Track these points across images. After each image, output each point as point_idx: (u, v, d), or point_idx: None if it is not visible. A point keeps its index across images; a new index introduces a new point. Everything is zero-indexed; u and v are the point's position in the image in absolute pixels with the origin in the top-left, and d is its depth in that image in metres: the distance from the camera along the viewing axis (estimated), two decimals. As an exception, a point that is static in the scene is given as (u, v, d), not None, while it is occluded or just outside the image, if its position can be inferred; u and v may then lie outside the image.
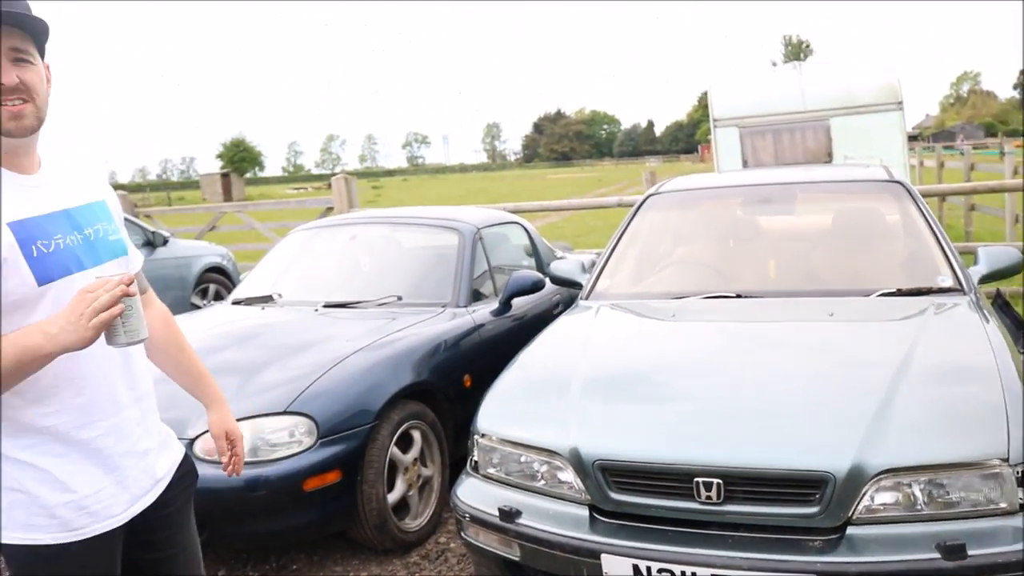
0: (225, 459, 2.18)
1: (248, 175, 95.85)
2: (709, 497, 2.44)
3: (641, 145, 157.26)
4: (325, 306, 4.53)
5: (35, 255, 1.69)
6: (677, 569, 2.38)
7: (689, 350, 3.26)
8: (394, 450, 3.59)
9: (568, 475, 2.65)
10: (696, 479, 2.45)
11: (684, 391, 2.87)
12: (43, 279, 1.69)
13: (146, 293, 2.12)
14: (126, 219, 8.59)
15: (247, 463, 3.23)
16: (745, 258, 4.25)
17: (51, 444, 1.74)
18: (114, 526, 1.83)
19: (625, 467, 2.56)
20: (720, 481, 2.43)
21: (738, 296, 3.71)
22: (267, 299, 4.79)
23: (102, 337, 1.64)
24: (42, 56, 1.76)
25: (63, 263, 1.73)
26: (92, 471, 1.79)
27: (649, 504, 2.53)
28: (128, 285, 1.62)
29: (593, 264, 4.76)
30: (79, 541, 1.77)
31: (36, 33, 1.72)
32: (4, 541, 1.75)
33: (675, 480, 2.49)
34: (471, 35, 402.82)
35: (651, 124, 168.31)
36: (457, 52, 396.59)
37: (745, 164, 9.95)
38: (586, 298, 4.08)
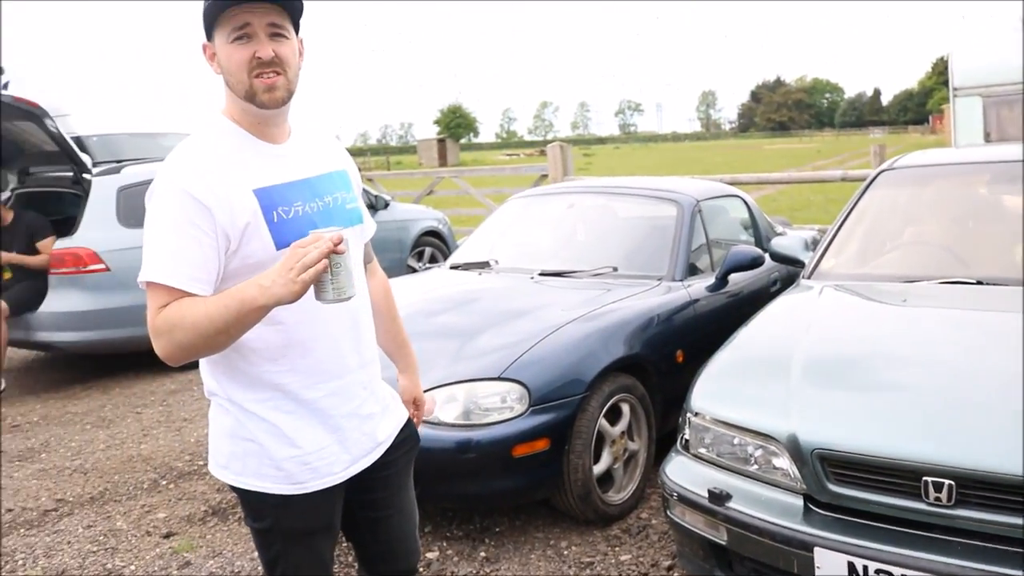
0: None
1: (463, 141, 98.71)
2: (938, 499, 2.28)
3: (865, 115, 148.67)
4: (541, 274, 4.59)
5: (275, 221, 1.79)
6: (898, 572, 2.24)
7: (922, 338, 3.06)
8: (602, 422, 3.60)
9: (783, 462, 2.56)
10: (925, 478, 2.30)
11: (916, 382, 2.69)
12: (281, 243, 1.78)
13: (371, 263, 2.20)
14: (352, 182, 9.09)
15: (459, 426, 3.34)
16: (988, 241, 3.92)
17: (282, 401, 1.85)
18: (334, 483, 1.93)
19: (846, 458, 2.44)
20: (952, 482, 2.27)
21: (979, 283, 3.43)
22: (484, 265, 4.90)
23: (329, 302, 1.69)
24: (296, 31, 1.85)
25: (300, 229, 1.80)
26: (316, 429, 1.89)
27: (870, 500, 2.40)
28: (337, 244, 1.64)
29: (816, 242, 4.56)
30: (301, 494, 1.88)
31: (292, 10, 1.81)
32: (239, 486, 1.90)
33: (901, 477, 2.34)
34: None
35: (877, 93, 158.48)
36: (672, 17, 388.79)
37: (988, 138, 9.16)
38: (808, 277, 3.91)
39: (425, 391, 3.42)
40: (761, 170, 26.60)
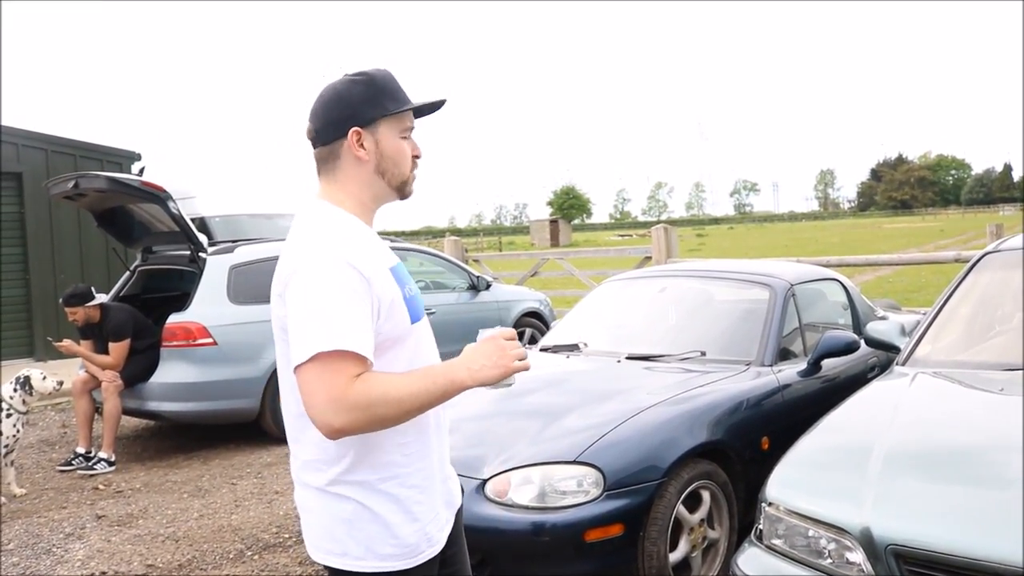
0: None
1: (576, 221, 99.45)
2: (1025, 604, 2.14)
3: (994, 192, 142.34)
4: (628, 358, 4.57)
5: (407, 296, 1.90)
6: None
7: (1016, 430, 2.90)
8: (681, 509, 3.52)
9: (857, 556, 2.45)
10: (1009, 581, 2.16)
11: (1005, 476, 2.55)
12: (414, 318, 1.90)
13: None
14: (454, 264, 9.25)
15: (534, 508, 3.33)
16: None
17: (406, 476, 1.88)
18: (441, 547, 1.97)
19: (922, 556, 2.32)
20: (1041, 588, 2.12)
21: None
22: (573, 348, 4.90)
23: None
24: None
25: (419, 307, 1.95)
26: (431, 498, 1.93)
27: (948, 602, 2.26)
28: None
29: (915, 326, 4.41)
30: (418, 565, 1.90)
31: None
32: (359, 570, 1.86)
33: (982, 579, 2.21)
34: (805, 74, 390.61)
35: (1008, 168, 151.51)
36: (790, 93, 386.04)
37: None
38: (903, 363, 3.77)
39: (503, 472, 3.46)
40: (879, 250, 25.85)
